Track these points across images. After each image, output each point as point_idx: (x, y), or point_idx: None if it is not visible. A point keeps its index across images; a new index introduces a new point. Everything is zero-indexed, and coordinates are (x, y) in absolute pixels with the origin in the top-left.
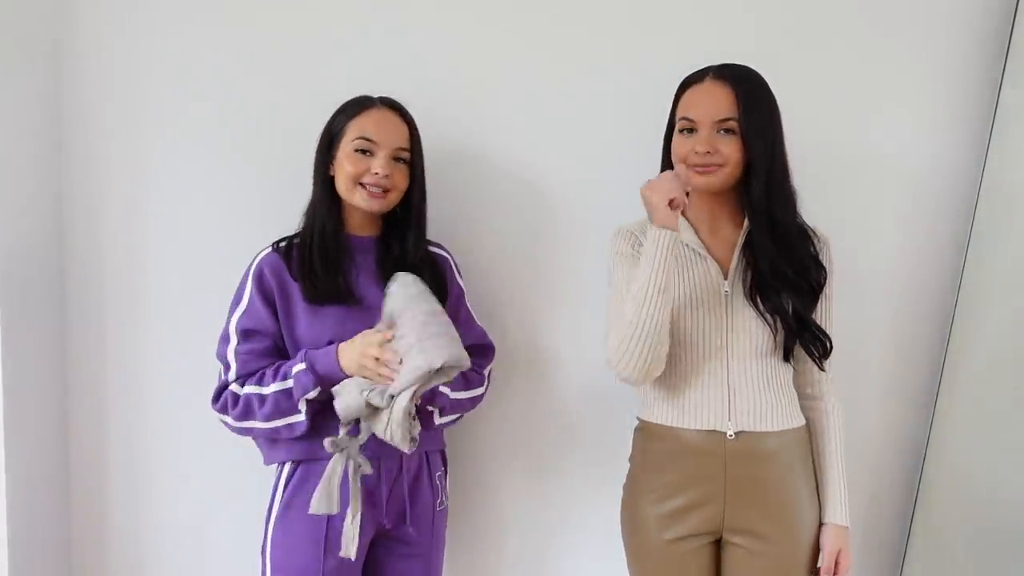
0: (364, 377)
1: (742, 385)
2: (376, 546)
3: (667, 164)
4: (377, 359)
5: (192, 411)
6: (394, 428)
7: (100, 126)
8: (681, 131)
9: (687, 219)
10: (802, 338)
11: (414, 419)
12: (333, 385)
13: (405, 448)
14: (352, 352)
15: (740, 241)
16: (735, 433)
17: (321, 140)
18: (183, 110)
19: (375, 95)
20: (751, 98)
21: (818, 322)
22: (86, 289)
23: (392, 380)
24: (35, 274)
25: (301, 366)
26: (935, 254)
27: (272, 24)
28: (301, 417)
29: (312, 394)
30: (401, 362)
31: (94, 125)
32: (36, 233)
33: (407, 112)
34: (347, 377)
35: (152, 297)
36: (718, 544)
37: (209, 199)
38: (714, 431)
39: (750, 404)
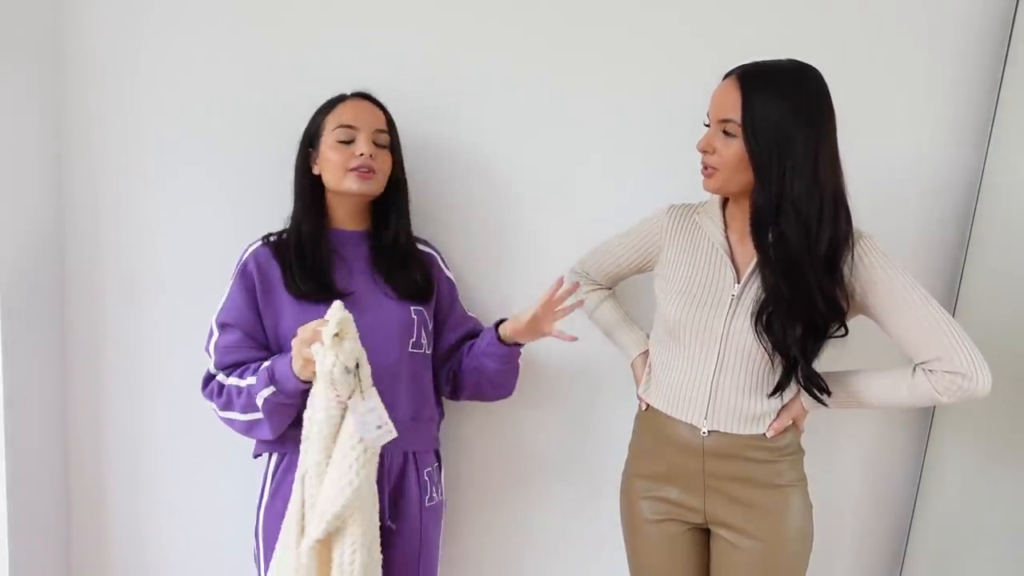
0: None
1: (726, 388)
2: None
3: None
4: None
5: (191, 411)
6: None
7: (100, 126)
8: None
9: (724, 215)
10: (801, 381)
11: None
12: (289, 387)
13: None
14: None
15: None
16: (708, 431)
17: (301, 142)
18: (182, 110)
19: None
20: (759, 101)
21: (913, 321)
22: (86, 289)
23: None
24: (35, 274)
25: (266, 363)
26: (935, 254)
27: (271, 24)
28: (259, 415)
29: (265, 392)
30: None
31: (94, 125)
32: (36, 233)
33: (380, 101)
34: (299, 379)
35: (152, 297)
36: (708, 531)
37: (208, 199)
38: (692, 425)
39: (729, 407)
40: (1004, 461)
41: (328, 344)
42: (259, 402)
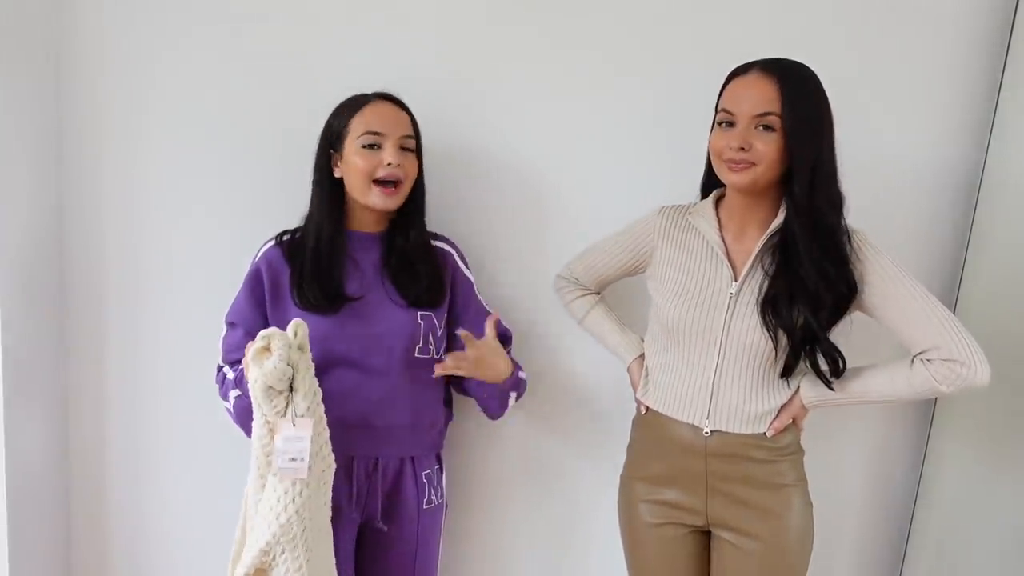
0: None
1: (727, 386)
2: (363, 537)
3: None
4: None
5: (192, 410)
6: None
7: (100, 127)
8: (720, 124)
9: (717, 214)
10: (811, 357)
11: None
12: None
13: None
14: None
15: (758, 246)
16: (710, 431)
17: (321, 142)
18: (182, 110)
19: (369, 92)
20: (797, 93)
21: (909, 311)
22: (86, 289)
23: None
24: (35, 274)
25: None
26: (935, 254)
27: (270, 23)
28: (229, 407)
29: (234, 392)
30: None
31: (94, 126)
32: (36, 233)
33: (404, 102)
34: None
35: (152, 296)
36: (709, 534)
37: (208, 198)
38: (694, 425)
39: (731, 407)
40: (1004, 461)
41: (250, 359)
42: (231, 400)
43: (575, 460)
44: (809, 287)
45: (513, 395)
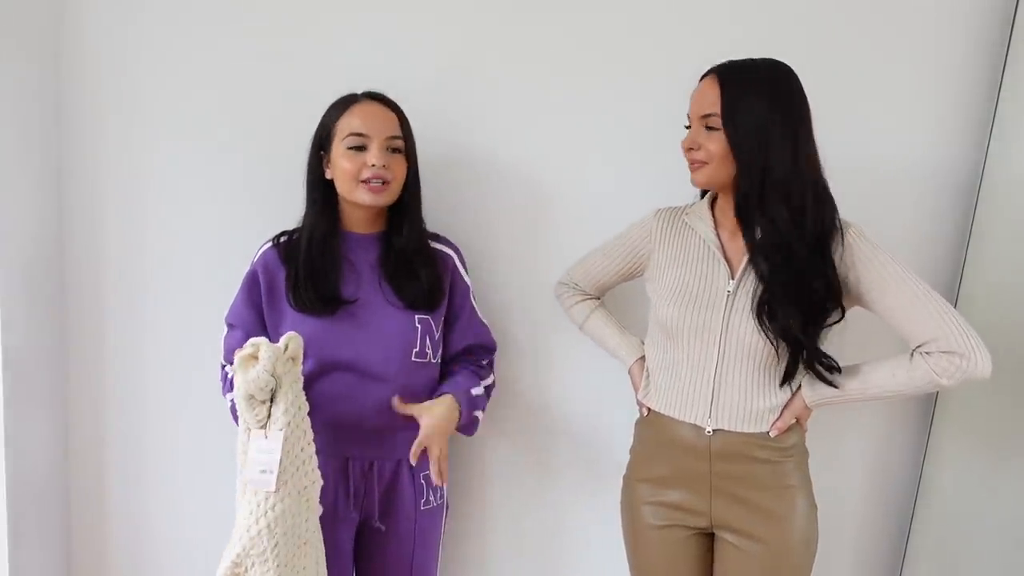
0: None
1: (728, 384)
2: (362, 536)
3: None
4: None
5: (191, 411)
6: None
7: (100, 127)
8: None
9: (713, 214)
10: (809, 363)
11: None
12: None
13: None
14: None
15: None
16: (713, 430)
17: (312, 145)
18: (182, 111)
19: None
20: (739, 94)
21: (907, 304)
22: (86, 289)
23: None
24: (35, 274)
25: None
26: (935, 254)
27: (270, 24)
28: (228, 405)
29: (230, 395)
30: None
31: (94, 126)
32: (36, 233)
33: (393, 102)
34: None
35: (152, 297)
36: (713, 536)
37: (208, 199)
38: (696, 425)
39: (733, 404)
40: (1005, 461)
41: (236, 366)
42: (228, 400)
43: (576, 462)
44: (791, 293)
45: (479, 414)
